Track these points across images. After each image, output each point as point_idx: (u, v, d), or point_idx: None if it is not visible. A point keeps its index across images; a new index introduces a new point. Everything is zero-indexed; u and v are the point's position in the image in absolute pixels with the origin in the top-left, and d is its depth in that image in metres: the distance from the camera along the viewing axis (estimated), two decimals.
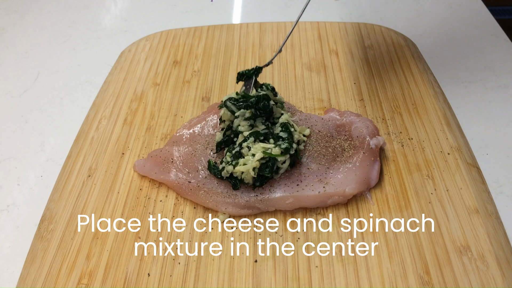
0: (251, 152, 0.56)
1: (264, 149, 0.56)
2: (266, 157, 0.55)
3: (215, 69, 0.78)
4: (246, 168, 0.54)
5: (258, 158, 0.55)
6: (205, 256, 0.51)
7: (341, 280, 0.48)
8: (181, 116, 0.69)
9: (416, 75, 0.73)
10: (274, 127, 0.60)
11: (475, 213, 0.53)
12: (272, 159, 0.55)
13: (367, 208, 0.55)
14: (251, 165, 0.54)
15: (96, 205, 0.57)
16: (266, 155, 0.55)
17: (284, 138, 0.57)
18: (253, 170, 0.55)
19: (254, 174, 0.55)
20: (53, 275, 0.50)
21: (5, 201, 0.61)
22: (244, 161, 0.55)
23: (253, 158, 0.55)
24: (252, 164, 0.54)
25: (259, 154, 0.55)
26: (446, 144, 0.62)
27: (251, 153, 0.56)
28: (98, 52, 0.88)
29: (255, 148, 0.56)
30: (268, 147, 0.56)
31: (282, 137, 0.58)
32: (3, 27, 0.97)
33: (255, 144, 0.57)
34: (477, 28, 0.86)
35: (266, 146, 0.56)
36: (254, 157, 0.55)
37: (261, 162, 0.55)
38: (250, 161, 0.55)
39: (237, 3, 1.00)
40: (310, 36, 0.83)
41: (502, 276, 0.48)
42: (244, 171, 0.55)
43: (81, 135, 0.67)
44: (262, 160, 0.55)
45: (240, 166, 0.55)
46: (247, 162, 0.55)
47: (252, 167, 0.54)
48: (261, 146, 0.56)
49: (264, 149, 0.56)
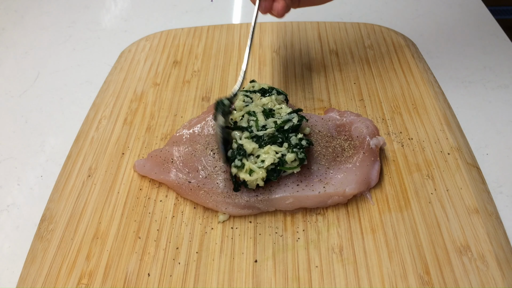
0: (260, 159, 0.54)
1: (275, 154, 0.54)
2: (276, 162, 0.54)
3: (215, 69, 0.78)
4: (254, 178, 0.53)
5: (268, 165, 0.53)
6: (205, 256, 0.51)
7: (341, 280, 0.49)
8: (181, 116, 0.69)
9: (416, 75, 0.73)
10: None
11: (475, 213, 0.53)
12: (280, 164, 0.54)
13: (367, 208, 0.55)
14: (260, 175, 0.53)
15: (96, 205, 0.57)
16: (285, 169, 0.54)
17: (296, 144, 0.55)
18: (262, 180, 0.53)
19: (262, 183, 0.53)
20: (53, 275, 0.51)
21: (5, 201, 0.61)
22: (251, 166, 0.53)
23: (263, 164, 0.53)
24: (260, 175, 0.53)
25: (270, 159, 0.53)
26: (446, 144, 0.62)
27: (260, 160, 0.54)
28: (98, 52, 0.88)
29: (265, 151, 0.54)
30: (279, 151, 0.54)
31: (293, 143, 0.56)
32: (3, 27, 0.97)
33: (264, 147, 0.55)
34: (477, 28, 0.86)
35: (278, 150, 0.54)
36: (264, 163, 0.53)
37: (270, 167, 0.54)
38: (258, 170, 0.53)
39: (237, 3, 1.00)
40: (310, 36, 0.83)
41: (502, 276, 0.48)
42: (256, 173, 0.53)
43: (81, 135, 0.67)
44: (271, 165, 0.54)
45: (246, 175, 0.53)
46: (255, 169, 0.53)
47: (260, 177, 0.53)
48: (273, 149, 0.54)
49: (275, 154, 0.54)
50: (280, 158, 0.54)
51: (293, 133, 0.57)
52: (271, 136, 0.56)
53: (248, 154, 0.55)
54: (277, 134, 0.57)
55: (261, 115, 0.59)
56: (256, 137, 0.56)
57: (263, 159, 0.54)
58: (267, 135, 0.56)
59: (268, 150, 0.54)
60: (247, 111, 0.59)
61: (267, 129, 0.57)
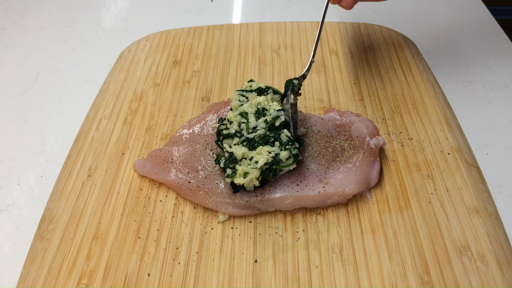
0: (253, 160, 0.54)
1: (268, 154, 0.54)
2: (269, 161, 0.54)
3: (215, 69, 0.78)
4: (249, 179, 0.53)
5: (261, 165, 0.53)
6: (205, 256, 0.51)
7: (341, 280, 0.48)
8: (181, 116, 0.69)
9: (416, 75, 0.73)
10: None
11: (475, 213, 0.53)
12: (275, 163, 0.54)
13: (367, 208, 0.55)
14: (254, 175, 0.53)
15: (96, 205, 0.57)
16: (280, 167, 0.54)
17: (287, 142, 0.56)
18: (257, 179, 0.54)
19: (258, 183, 0.54)
20: (53, 275, 0.51)
21: (5, 201, 0.61)
22: (244, 169, 0.54)
23: (256, 165, 0.53)
24: (255, 174, 0.53)
25: (263, 159, 0.53)
26: (446, 144, 0.62)
27: (254, 161, 0.54)
28: (98, 52, 0.88)
29: (258, 152, 0.55)
30: (272, 150, 0.55)
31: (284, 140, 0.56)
32: (3, 27, 0.97)
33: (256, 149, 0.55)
34: (477, 28, 0.86)
35: (271, 150, 0.55)
36: (257, 164, 0.53)
37: (264, 167, 0.54)
38: (252, 170, 0.53)
39: (237, 3, 1.00)
40: (310, 36, 0.83)
41: (502, 276, 0.48)
42: (250, 174, 0.53)
43: (81, 135, 0.67)
44: (265, 165, 0.54)
45: (240, 179, 0.53)
46: (248, 171, 0.53)
47: (255, 177, 0.53)
48: (265, 149, 0.55)
49: (268, 154, 0.54)
50: (274, 157, 0.54)
51: (284, 130, 0.57)
52: (262, 137, 0.57)
53: (240, 160, 0.55)
54: (269, 134, 0.57)
55: (252, 117, 0.59)
56: (247, 140, 0.57)
57: (256, 160, 0.54)
58: (258, 136, 0.57)
59: (261, 151, 0.55)
60: (240, 112, 0.60)
61: (257, 130, 0.57)
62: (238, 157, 0.55)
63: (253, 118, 0.59)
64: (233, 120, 0.59)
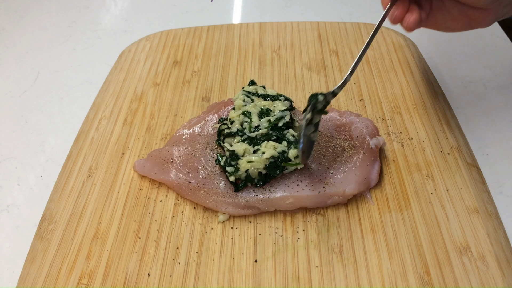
0: (261, 151, 0.55)
1: (274, 148, 0.55)
2: (276, 156, 0.55)
3: (215, 69, 0.78)
4: (257, 160, 0.54)
5: (268, 156, 0.54)
6: (205, 256, 0.51)
7: (341, 280, 0.49)
8: (181, 116, 0.69)
9: (416, 75, 0.73)
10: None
11: (475, 213, 0.53)
12: (283, 160, 0.55)
13: (367, 208, 0.55)
14: (258, 163, 0.54)
15: (96, 205, 0.57)
16: (288, 165, 0.55)
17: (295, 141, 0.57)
18: (260, 173, 0.54)
19: (264, 171, 0.54)
20: (53, 275, 0.51)
21: (5, 201, 0.61)
22: (247, 158, 0.54)
23: (263, 156, 0.54)
24: (258, 163, 0.54)
25: (270, 151, 0.54)
26: (446, 144, 0.62)
27: (261, 152, 0.55)
28: (98, 52, 0.88)
29: (265, 145, 0.55)
30: (278, 147, 0.55)
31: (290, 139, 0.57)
32: (3, 27, 0.97)
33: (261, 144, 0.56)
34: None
35: (277, 145, 0.55)
36: (264, 154, 0.54)
37: (270, 161, 0.55)
38: (256, 159, 0.54)
39: (237, 3, 1.00)
40: (310, 36, 0.83)
41: (502, 276, 0.48)
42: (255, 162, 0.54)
43: (81, 135, 0.67)
44: (271, 158, 0.55)
45: (243, 173, 0.54)
46: (252, 159, 0.54)
47: (261, 165, 0.54)
48: (271, 144, 0.55)
49: (274, 148, 0.55)
50: (281, 154, 0.55)
51: (287, 130, 0.58)
52: (264, 135, 0.57)
53: (241, 155, 0.56)
54: (271, 133, 0.57)
55: (255, 116, 0.59)
56: (248, 138, 0.57)
57: (263, 151, 0.55)
58: (261, 135, 0.57)
59: (267, 145, 0.55)
60: (243, 111, 0.60)
61: (260, 129, 0.57)
62: (239, 154, 0.55)
63: (256, 117, 0.59)
64: (235, 119, 0.59)
